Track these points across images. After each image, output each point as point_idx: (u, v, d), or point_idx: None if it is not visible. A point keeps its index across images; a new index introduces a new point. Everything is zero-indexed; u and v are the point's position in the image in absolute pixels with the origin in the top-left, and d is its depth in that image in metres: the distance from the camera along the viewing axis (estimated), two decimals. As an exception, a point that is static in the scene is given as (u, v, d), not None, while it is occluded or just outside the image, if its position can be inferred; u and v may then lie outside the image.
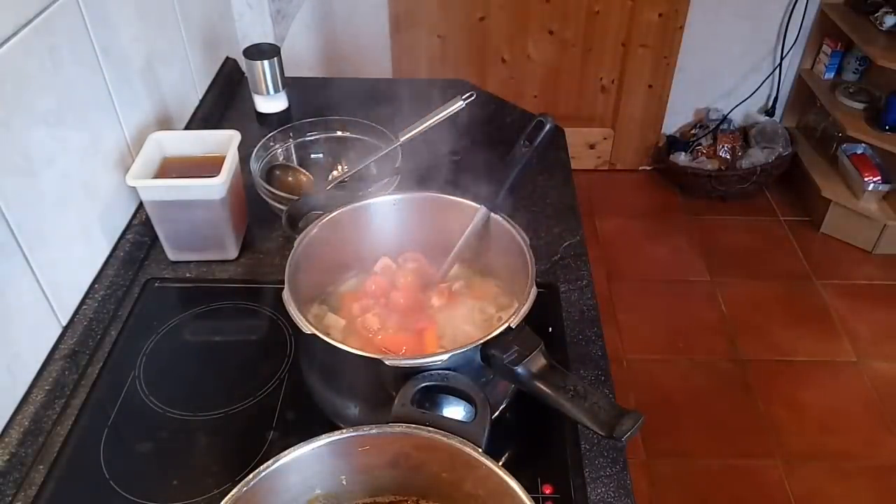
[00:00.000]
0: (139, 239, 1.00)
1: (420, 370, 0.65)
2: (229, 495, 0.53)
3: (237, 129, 0.99)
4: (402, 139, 1.05)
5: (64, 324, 0.85)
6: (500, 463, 0.56)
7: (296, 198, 0.86)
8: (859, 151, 2.49)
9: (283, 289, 0.71)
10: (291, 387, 0.82)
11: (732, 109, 2.73)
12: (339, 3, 2.36)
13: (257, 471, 0.55)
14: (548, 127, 0.76)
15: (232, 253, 1.00)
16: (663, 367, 2.11)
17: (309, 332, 0.67)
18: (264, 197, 1.02)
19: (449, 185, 0.87)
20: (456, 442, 0.57)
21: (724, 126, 2.72)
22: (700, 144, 2.71)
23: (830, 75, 2.60)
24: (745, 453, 1.88)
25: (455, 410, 0.68)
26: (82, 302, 0.89)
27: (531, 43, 2.57)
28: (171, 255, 0.99)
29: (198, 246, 0.99)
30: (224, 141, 0.97)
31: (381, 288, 0.85)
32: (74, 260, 0.88)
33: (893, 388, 2.04)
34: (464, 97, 0.99)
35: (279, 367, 0.85)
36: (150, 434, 0.78)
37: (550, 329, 0.88)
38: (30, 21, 0.76)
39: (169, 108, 1.14)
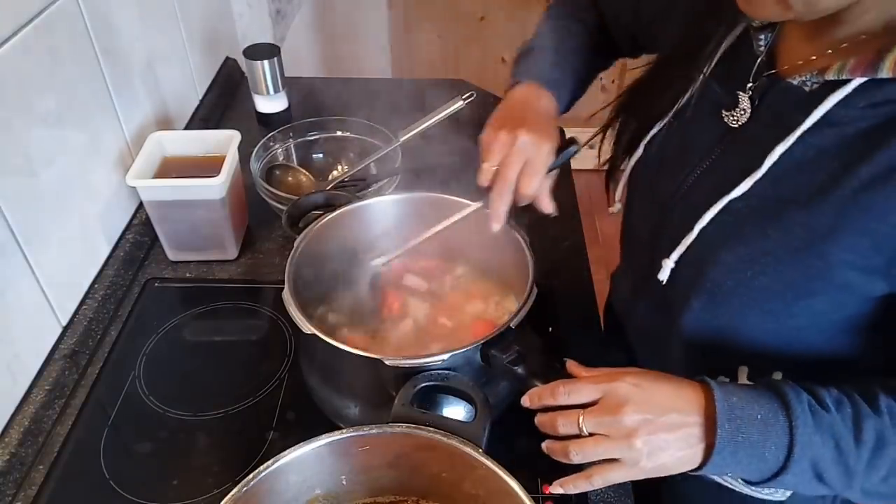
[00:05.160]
0: (139, 239, 1.00)
1: (420, 370, 0.65)
2: (229, 495, 0.53)
3: (237, 129, 0.99)
4: (401, 139, 1.05)
5: (64, 324, 0.85)
6: (500, 463, 0.56)
7: (296, 198, 0.85)
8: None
9: (283, 289, 0.71)
10: (291, 387, 0.82)
11: (732, 109, 2.73)
12: (339, 3, 2.36)
13: (257, 471, 0.55)
14: (574, 149, 0.76)
15: (232, 253, 1.00)
16: (663, 367, 2.10)
17: (309, 332, 0.67)
18: (264, 197, 1.02)
19: (449, 184, 0.87)
20: (456, 442, 0.57)
21: (724, 126, 2.72)
22: (700, 144, 2.70)
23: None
24: (745, 453, 1.87)
25: (455, 410, 0.68)
26: (82, 302, 0.89)
27: (531, 43, 2.57)
28: (171, 255, 0.99)
29: (198, 246, 0.99)
30: (224, 141, 0.97)
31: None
32: (74, 260, 0.88)
33: (893, 388, 2.03)
34: (464, 97, 0.99)
35: (279, 367, 0.85)
36: (150, 434, 0.78)
37: (550, 329, 0.88)
38: (30, 21, 0.76)
39: (169, 108, 1.14)
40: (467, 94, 0.99)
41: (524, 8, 2.47)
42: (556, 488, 0.59)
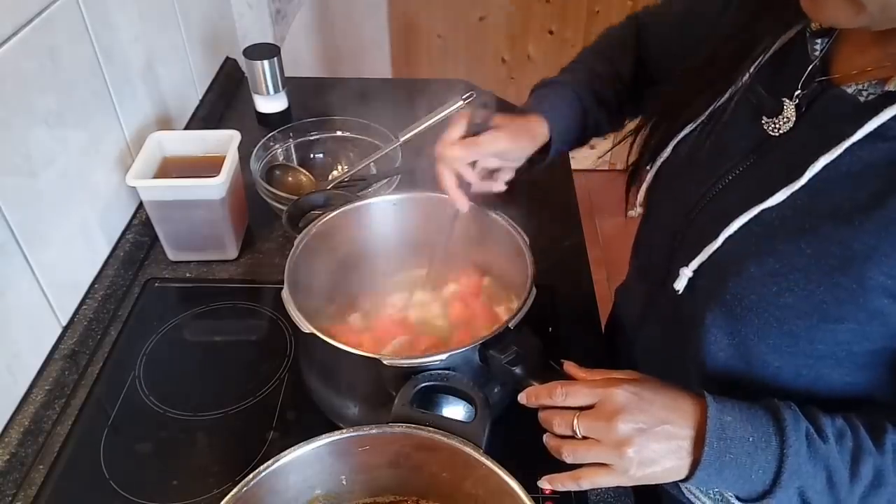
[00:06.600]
0: (139, 239, 1.00)
1: (419, 370, 0.65)
2: (229, 495, 0.53)
3: (237, 129, 0.99)
4: (402, 139, 1.05)
5: (64, 324, 0.85)
6: (500, 463, 0.56)
7: (296, 198, 0.85)
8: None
9: (283, 289, 0.71)
10: (291, 387, 0.82)
11: (732, 109, 2.72)
12: (339, 3, 2.36)
13: (257, 471, 0.55)
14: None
15: (232, 253, 1.00)
16: (663, 367, 2.10)
17: (309, 332, 0.67)
18: (264, 197, 1.02)
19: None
20: (456, 442, 0.57)
21: (724, 126, 2.71)
22: (700, 144, 2.70)
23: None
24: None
25: (455, 410, 0.68)
26: (82, 302, 0.89)
27: (531, 43, 2.57)
28: (171, 255, 0.99)
29: (198, 246, 0.99)
30: (224, 141, 0.97)
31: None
32: (74, 260, 0.88)
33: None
34: (464, 97, 0.98)
35: (279, 367, 0.85)
36: (150, 434, 0.78)
37: (550, 329, 0.88)
38: (30, 21, 0.76)
39: (169, 108, 1.14)
40: (467, 94, 0.99)
41: (524, 8, 2.48)
42: (544, 483, 0.59)
